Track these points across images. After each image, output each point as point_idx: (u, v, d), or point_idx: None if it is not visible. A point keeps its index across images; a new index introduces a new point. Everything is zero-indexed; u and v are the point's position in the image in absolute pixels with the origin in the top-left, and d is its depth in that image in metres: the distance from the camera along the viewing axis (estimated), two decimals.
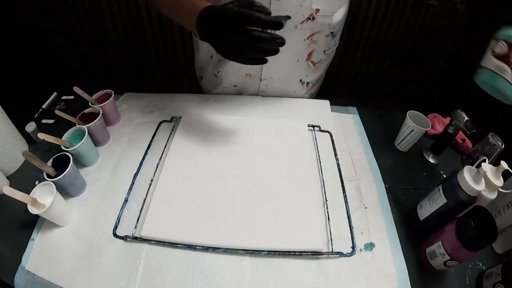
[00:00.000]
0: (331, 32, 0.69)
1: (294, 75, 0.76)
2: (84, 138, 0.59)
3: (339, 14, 0.67)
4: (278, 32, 0.45)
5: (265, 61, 0.49)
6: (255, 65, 0.54)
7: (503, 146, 0.62)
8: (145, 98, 0.81)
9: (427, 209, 0.52)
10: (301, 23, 0.64)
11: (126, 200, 0.57)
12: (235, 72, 0.74)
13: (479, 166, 0.46)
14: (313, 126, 0.72)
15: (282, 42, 0.45)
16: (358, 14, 1.51)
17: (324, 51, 0.74)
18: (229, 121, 0.71)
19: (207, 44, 0.50)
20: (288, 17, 0.44)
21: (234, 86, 0.79)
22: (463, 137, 0.71)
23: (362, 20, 1.53)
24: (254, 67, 0.73)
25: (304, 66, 0.74)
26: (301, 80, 0.78)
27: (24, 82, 1.27)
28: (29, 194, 0.49)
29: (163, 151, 0.66)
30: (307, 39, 0.67)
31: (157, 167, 0.63)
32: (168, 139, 0.69)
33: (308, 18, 0.63)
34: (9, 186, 0.58)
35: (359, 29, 1.56)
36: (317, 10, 0.62)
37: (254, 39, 0.43)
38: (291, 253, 0.50)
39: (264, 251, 0.50)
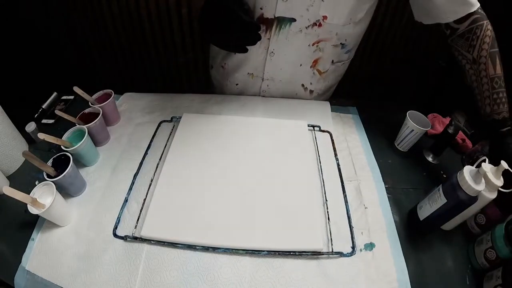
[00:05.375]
0: (341, 43, 0.67)
1: (296, 79, 0.76)
2: (84, 138, 0.59)
3: (352, 28, 0.64)
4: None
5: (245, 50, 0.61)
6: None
7: None
8: (145, 98, 0.81)
9: (427, 209, 0.52)
10: (306, 27, 0.63)
11: (126, 200, 0.57)
12: (238, 67, 0.75)
13: (479, 166, 0.46)
14: (313, 126, 0.72)
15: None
16: None
17: (333, 61, 0.72)
18: (229, 121, 0.71)
19: None
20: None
21: (236, 84, 0.79)
22: (463, 137, 0.71)
23: None
24: (257, 67, 0.73)
25: (308, 73, 0.74)
26: (303, 85, 0.77)
27: (24, 82, 1.27)
28: (29, 194, 0.48)
29: (163, 151, 0.66)
30: (312, 45, 0.67)
31: (157, 167, 0.63)
32: (168, 139, 0.69)
33: (314, 24, 0.62)
34: (9, 186, 0.58)
35: None
36: (325, 17, 0.61)
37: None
38: (291, 253, 0.50)
39: (264, 251, 0.50)
